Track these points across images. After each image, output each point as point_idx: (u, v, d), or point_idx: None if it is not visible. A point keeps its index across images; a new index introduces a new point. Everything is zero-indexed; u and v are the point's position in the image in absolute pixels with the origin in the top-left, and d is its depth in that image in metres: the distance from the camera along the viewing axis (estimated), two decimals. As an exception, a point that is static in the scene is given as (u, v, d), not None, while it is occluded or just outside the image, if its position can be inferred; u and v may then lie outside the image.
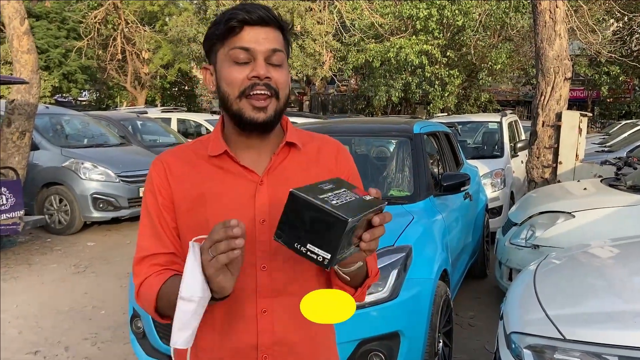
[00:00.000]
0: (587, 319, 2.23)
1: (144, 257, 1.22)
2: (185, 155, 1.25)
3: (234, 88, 1.16)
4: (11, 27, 6.91)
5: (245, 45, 1.14)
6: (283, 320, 1.21)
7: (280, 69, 1.18)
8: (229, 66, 1.16)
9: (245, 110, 1.16)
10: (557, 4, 6.06)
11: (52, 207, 7.36)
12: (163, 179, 1.23)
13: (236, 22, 1.14)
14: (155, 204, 1.23)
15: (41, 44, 20.84)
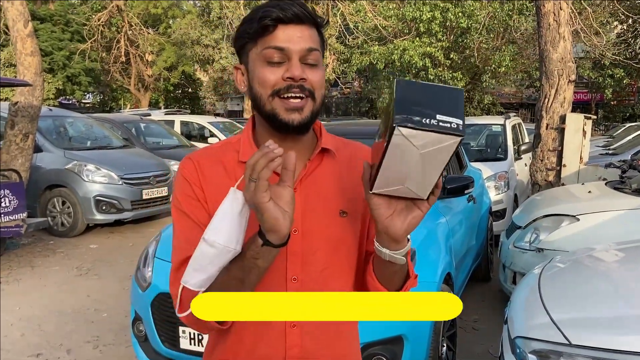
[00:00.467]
0: (593, 323, 2.21)
1: (185, 259, 1.11)
2: (216, 158, 1.19)
3: (266, 88, 1.10)
4: (15, 30, 6.92)
5: (279, 44, 1.08)
6: (313, 335, 1.17)
7: (316, 69, 1.12)
8: (262, 66, 1.10)
9: (279, 111, 1.10)
10: (561, 6, 6.04)
11: (55, 209, 7.36)
12: (196, 179, 1.16)
13: (270, 20, 1.07)
14: (190, 201, 1.16)
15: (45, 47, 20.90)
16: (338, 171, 1.20)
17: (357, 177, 1.17)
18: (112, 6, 19.82)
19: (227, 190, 1.11)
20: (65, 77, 22.87)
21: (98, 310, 4.62)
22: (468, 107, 20.25)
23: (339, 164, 1.22)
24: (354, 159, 1.25)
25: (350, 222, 1.19)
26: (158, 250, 3.19)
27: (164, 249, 3.15)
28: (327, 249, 1.16)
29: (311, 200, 1.15)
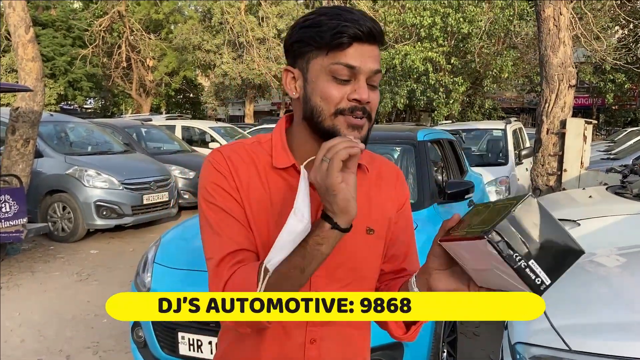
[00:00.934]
0: (594, 329, 2.19)
1: (226, 256, 1.07)
2: (247, 156, 1.15)
3: (330, 105, 1.05)
4: (17, 36, 6.95)
5: (351, 63, 1.04)
6: (332, 350, 1.16)
7: (376, 91, 1.10)
8: (327, 80, 1.05)
9: (341, 128, 1.06)
10: (561, 11, 6.05)
11: (56, 214, 7.36)
12: (229, 172, 1.11)
13: (348, 38, 1.02)
14: (224, 194, 1.10)
15: (47, 52, 20.99)
16: (367, 187, 1.18)
17: (385, 195, 1.19)
18: (113, 12, 19.89)
19: (258, 192, 1.11)
20: (67, 83, 22.96)
21: (98, 316, 4.61)
22: (469, 111, 20.29)
23: (368, 180, 1.20)
24: (381, 176, 1.23)
25: (375, 240, 1.18)
26: (157, 255, 3.18)
27: (163, 255, 3.15)
28: (352, 266, 1.15)
29: None
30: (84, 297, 5.09)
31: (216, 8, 18.83)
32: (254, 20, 18.03)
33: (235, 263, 1.05)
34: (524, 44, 17.54)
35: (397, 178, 1.27)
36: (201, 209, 1.13)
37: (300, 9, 18.36)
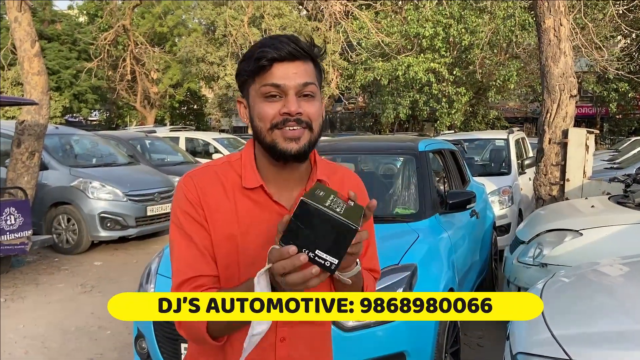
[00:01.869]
0: (595, 339, 2.19)
1: (186, 280, 1.18)
2: (217, 178, 1.24)
3: (265, 122, 1.17)
4: (22, 50, 7.03)
5: (275, 82, 1.15)
6: (299, 347, 1.24)
7: (312, 100, 1.19)
8: (261, 102, 1.17)
9: (279, 142, 1.17)
10: (561, 22, 6.08)
11: (60, 226, 7.40)
12: (196, 197, 1.21)
13: (266, 61, 1.14)
14: (192, 222, 1.20)
15: (52, 65, 21.17)
16: None
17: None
18: (118, 26, 20.07)
19: (226, 213, 1.20)
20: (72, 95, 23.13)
21: (102, 328, 4.62)
22: (472, 121, 20.30)
23: None
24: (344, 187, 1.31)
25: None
26: (161, 267, 3.20)
27: (167, 266, 3.17)
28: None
29: None
30: (87, 309, 5.10)
31: (220, 21, 18.98)
32: (257, 32, 18.16)
33: (193, 288, 1.16)
34: (526, 54, 17.58)
35: (358, 188, 1.36)
36: (171, 232, 1.24)
37: (302, 21, 18.49)
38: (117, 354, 4.10)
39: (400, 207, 3.84)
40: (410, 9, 17.31)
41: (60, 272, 6.49)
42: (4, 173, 7.05)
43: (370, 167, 4.93)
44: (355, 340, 2.59)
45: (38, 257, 7.13)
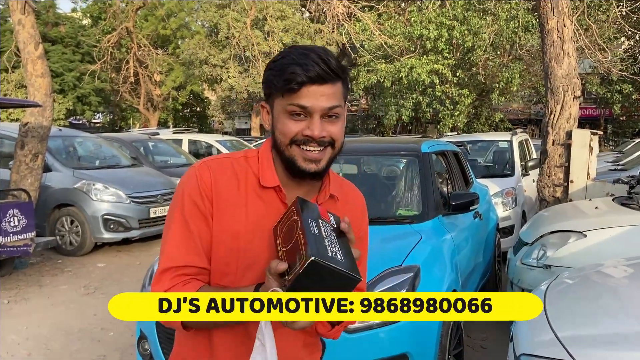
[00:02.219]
0: (599, 340, 2.18)
1: (173, 267, 1.18)
2: (232, 172, 1.24)
3: (287, 137, 1.19)
4: (26, 52, 7.05)
5: (302, 103, 1.16)
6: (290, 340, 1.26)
7: (337, 121, 1.21)
8: (285, 117, 1.19)
9: (297, 159, 1.19)
10: (564, 23, 6.07)
11: (64, 228, 7.41)
12: (209, 188, 1.20)
13: (296, 84, 1.15)
14: (197, 213, 1.20)
15: (56, 68, 21.24)
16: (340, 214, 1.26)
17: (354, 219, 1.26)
18: (121, 28, 20.13)
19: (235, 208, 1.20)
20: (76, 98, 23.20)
21: (105, 329, 4.63)
22: (476, 123, 20.27)
23: (338, 208, 1.29)
24: (348, 202, 1.35)
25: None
26: (163, 268, 3.20)
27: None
28: None
29: None
30: (90, 311, 5.10)
31: (223, 23, 19.01)
32: (260, 34, 18.18)
33: (178, 275, 1.17)
34: (529, 55, 17.55)
35: (362, 207, 1.39)
36: (171, 213, 1.23)
37: (305, 23, 18.52)
38: (120, 355, 4.10)
39: (403, 209, 3.83)
40: (413, 10, 17.30)
41: (64, 273, 6.50)
42: (7, 175, 7.06)
43: (373, 169, 4.92)
44: (358, 342, 2.59)
45: (41, 258, 7.14)
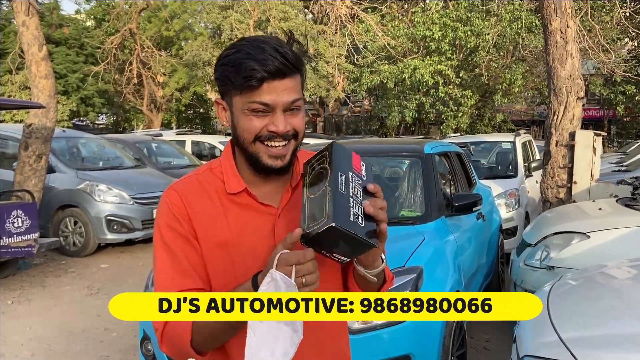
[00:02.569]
0: (602, 342, 2.17)
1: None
2: (201, 187, 1.22)
3: (250, 134, 1.15)
4: (30, 53, 7.08)
5: (264, 100, 1.13)
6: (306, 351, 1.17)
7: (298, 113, 1.18)
8: (246, 115, 1.15)
9: (262, 156, 1.16)
10: (568, 24, 6.06)
11: (67, 229, 7.43)
12: (182, 211, 1.19)
13: (256, 81, 1.11)
14: (176, 236, 1.18)
15: (60, 69, 21.28)
16: None
17: None
18: (125, 30, 20.18)
19: (217, 223, 1.18)
20: (79, 99, 23.22)
21: (108, 330, 4.63)
22: (479, 124, 20.24)
23: None
24: None
25: None
26: (166, 269, 3.20)
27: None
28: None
29: (296, 224, 1.17)
30: (94, 311, 5.11)
31: (226, 24, 19.03)
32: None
33: None
34: (532, 56, 17.53)
35: None
36: (155, 246, 1.22)
37: (308, 24, 18.53)
38: (123, 356, 4.10)
39: (406, 210, 3.83)
40: (417, 11, 17.30)
41: (67, 274, 6.51)
42: (11, 176, 7.09)
43: (376, 170, 4.92)
44: (361, 343, 2.58)
45: (45, 259, 7.16)
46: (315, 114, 25.52)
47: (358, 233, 1.02)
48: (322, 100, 22.75)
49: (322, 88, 18.34)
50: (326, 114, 25.49)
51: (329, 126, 26.05)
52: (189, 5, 25.11)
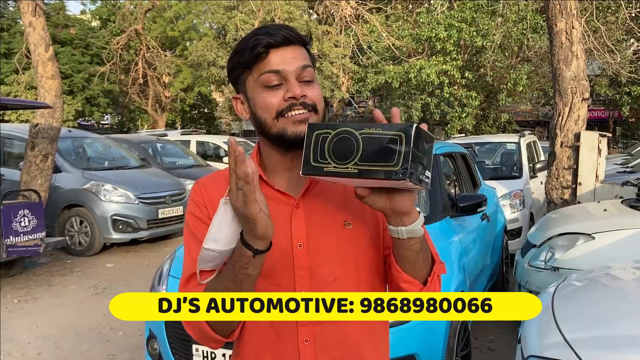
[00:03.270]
0: (608, 343, 2.18)
1: (192, 275, 1.15)
2: (221, 180, 1.22)
3: (270, 112, 1.12)
4: (36, 54, 7.11)
5: (275, 68, 1.11)
6: (327, 349, 1.16)
7: (313, 84, 1.16)
8: (261, 92, 1.13)
9: (287, 128, 1.12)
10: (573, 25, 6.05)
11: (73, 228, 7.47)
12: (201, 198, 1.22)
13: (262, 47, 1.11)
14: (197, 222, 1.20)
15: (65, 69, 21.37)
16: (340, 186, 1.18)
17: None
18: (130, 30, 20.25)
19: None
20: (85, 99, 23.33)
21: (114, 329, 4.66)
22: (483, 125, 20.20)
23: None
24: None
25: (356, 232, 1.19)
26: (172, 268, 3.23)
27: (178, 268, 3.19)
28: (334, 262, 1.17)
29: (314, 215, 1.18)
30: (100, 310, 5.14)
31: (231, 25, 19.07)
32: (268, 36, 18.19)
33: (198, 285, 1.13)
34: (537, 57, 17.48)
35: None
36: (184, 231, 1.25)
37: (313, 25, 18.54)
38: (129, 355, 4.12)
39: (410, 210, 3.83)
40: (422, 12, 17.28)
41: (73, 273, 6.55)
42: (17, 175, 7.13)
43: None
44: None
45: (51, 258, 7.20)
46: (319, 115, 25.51)
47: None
48: (326, 101, 22.75)
49: (327, 88, 18.35)
50: (331, 115, 25.50)
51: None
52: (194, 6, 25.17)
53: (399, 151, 0.91)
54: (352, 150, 0.94)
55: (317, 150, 0.97)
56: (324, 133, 0.97)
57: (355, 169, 0.94)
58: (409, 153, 0.90)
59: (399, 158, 0.91)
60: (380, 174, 0.92)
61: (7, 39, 21.74)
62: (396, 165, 0.91)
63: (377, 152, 0.93)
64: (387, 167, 0.92)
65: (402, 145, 0.91)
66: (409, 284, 1.13)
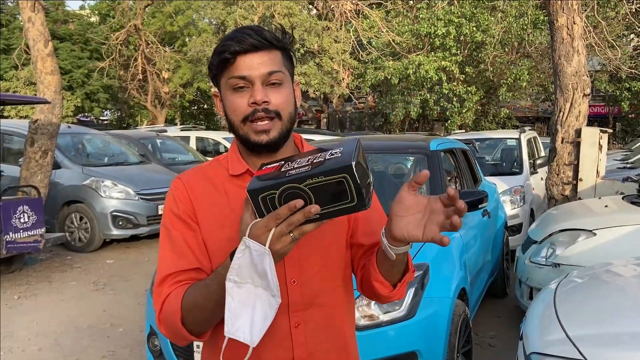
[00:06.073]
0: (610, 339, 2.17)
1: (165, 277, 1.20)
2: (205, 175, 1.28)
3: (237, 115, 1.20)
4: (36, 49, 7.09)
5: (240, 73, 1.18)
6: (315, 331, 1.25)
7: (280, 88, 1.20)
8: (230, 94, 1.20)
9: (250, 134, 1.20)
10: (574, 20, 6.03)
11: (73, 224, 7.46)
12: (184, 194, 1.24)
13: (229, 54, 1.17)
14: (176, 220, 1.23)
15: (65, 65, 21.29)
16: None
17: None
18: (129, 25, 20.18)
19: (218, 206, 1.21)
20: (84, 95, 23.25)
21: (114, 325, 4.66)
22: (483, 121, 20.18)
23: None
24: None
25: (335, 224, 1.25)
26: (173, 265, 3.21)
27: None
28: (320, 252, 1.25)
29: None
30: (100, 307, 5.14)
31: (230, 20, 19.01)
32: (268, 32, 18.13)
33: (174, 282, 1.19)
34: (538, 53, 17.44)
35: None
36: (160, 230, 1.28)
37: (313, 21, 18.48)
38: (130, 351, 4.12)
39: (411, 207, 3.82)
40: (422, 7, 17.23)
41: (73, 270, 6.54)
42: (17, 171, 7.12)
43: (380, 167, 4.91)
44: (367, 340, 2.59)
45: (51, 255, 7.19)
46: (319, 110, 25.50)
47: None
48: (326, 97, 22.73)
49: (327, 84, 18.31)
50: (330, 110, 25.47)
51: (333, 122, 26.02)
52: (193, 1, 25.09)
53: (349, 190, 0.96)
54: (305, 202, 0.96)
55: (270, 212, 0.99)
56: (269, 195, 0.98)
57: (316, 215, 0.97)
58: (360, 187, 0.96)
59: (353, 195, 0.96)
60: (341, 212, 0.98)
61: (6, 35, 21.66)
62: (352, 201, 0.97)
63: (330, 197, 0.97)
64: (346, 204, 0.97)
65: (349, 184, 0.96)
66: (381, 284, 1.22)
